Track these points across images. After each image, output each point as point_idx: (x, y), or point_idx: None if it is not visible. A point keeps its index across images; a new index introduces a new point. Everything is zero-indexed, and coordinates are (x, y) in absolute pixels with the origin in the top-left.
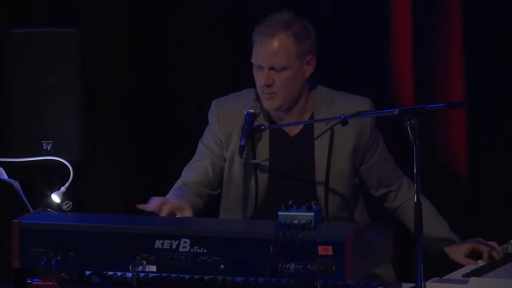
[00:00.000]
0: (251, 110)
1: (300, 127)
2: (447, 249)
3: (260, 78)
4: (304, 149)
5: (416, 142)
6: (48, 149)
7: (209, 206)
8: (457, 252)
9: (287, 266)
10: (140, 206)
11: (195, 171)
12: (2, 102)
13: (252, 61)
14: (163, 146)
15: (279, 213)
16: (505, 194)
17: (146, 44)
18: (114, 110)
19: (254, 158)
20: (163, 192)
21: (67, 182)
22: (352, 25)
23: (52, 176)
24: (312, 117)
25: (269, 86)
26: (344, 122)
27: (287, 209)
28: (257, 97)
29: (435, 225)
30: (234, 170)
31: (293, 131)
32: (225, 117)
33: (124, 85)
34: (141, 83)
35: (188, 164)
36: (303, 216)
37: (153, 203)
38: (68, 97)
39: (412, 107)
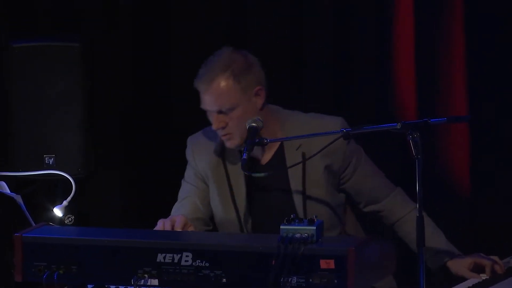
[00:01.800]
0: (253, 124)
1: (271, 154)
2: (449, 263)
3: (212, 122)
4: (277, 176)
5: (418, 156)
6: (50, 163)
7: None
8: (460, 265)
9: (289, 280)
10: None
11: (185, 208)
12: (4, 116)
13: (201, 107)
14: (165, 157)
15: (281, 226)
16: (507, 208)
17: (147, 53)
18: (116, 123)
19: (230, 185)
20: (165, 205)
21: (69, 196)
22: (353, 38)
23: (54, 190)
24: (282, 145)
25: (223, 128)
26: (346, 136)
27: (289, 222)
28: None
29: (432, 237)
30: (215, 203)
31: (264, 159)
32: (199, 153)
33: (125, 97)
34: (141, 90)
35: (176, 204)
36: (305, 229)
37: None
38: (70, 111)
39: (414, 121)
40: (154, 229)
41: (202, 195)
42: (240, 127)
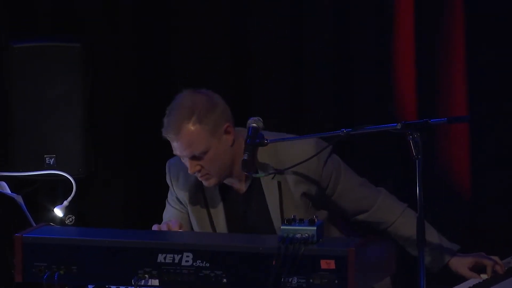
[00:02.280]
0: (254, 125)
1: (248, 184)
2: (450, 262)
3: (188, 167)
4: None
5: (419, 157)
6: (51, 163)
7: None
8: (461, 264)
9: (290, 280)
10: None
11: None
12: (5, 116)
13: (174, 153)
14: (166, 159)
15: (282, 227)
16: (507, 209)
17: (149, 55)
18: (117, 124)
19: (209, 213)
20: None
21: (69, 196)
22: (353, 38)
23: (55, 190)
24: (257, 172)
25: (199, 171)
26: (347, 136)
27: (289, 223)
28: None
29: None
30: (195, 230)
31: (241, 188)
32: (176, 182)
33: (127, 98)
34: (142, 90)
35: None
36: (306, 230)
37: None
38: (70, 111)
39: (414, 122)
40: None
41: (185, 218)
42: (215, 167)
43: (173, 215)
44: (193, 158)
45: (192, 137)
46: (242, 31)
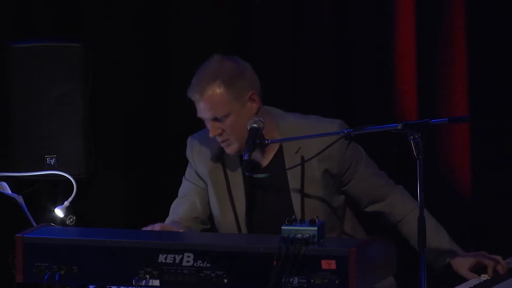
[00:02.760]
0: (254, 125)
1: (270, 158)
2: (452, 262)
3: (209, 129)
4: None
5: (420, 157)
6: (52, 163)
7: None
8: (461, 265)
9: (291, 280)
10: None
11: (183, 206)
12: (5, 116)
13: (198, 116)
14: (167, 159)
15: (283, 227)
16: (507, 208)
17: (150, 55)
18: (118, 124)
19: (229, 189)
20: (166, 207)
21: (70, 196)
22: (354, 40)
23: (56, 190)
24: (281, 148)
25: (220, 135)
26: (347, 136)
27: (290, 223)
28: None
29: (434, 237)
30: (214, 206)
31: (263, 162)
32: (198, 155)
33: (127, 98)
34: (143, 91)
35: (175, 201)
36: (307, 230)
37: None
38: (71, 112)
39: (415, 122)
40: None
41: (202, 193)
42: (236, 133)
43: (189, 190)
44: (215, 120)
45: (215, 100)
46: (242, 31)
